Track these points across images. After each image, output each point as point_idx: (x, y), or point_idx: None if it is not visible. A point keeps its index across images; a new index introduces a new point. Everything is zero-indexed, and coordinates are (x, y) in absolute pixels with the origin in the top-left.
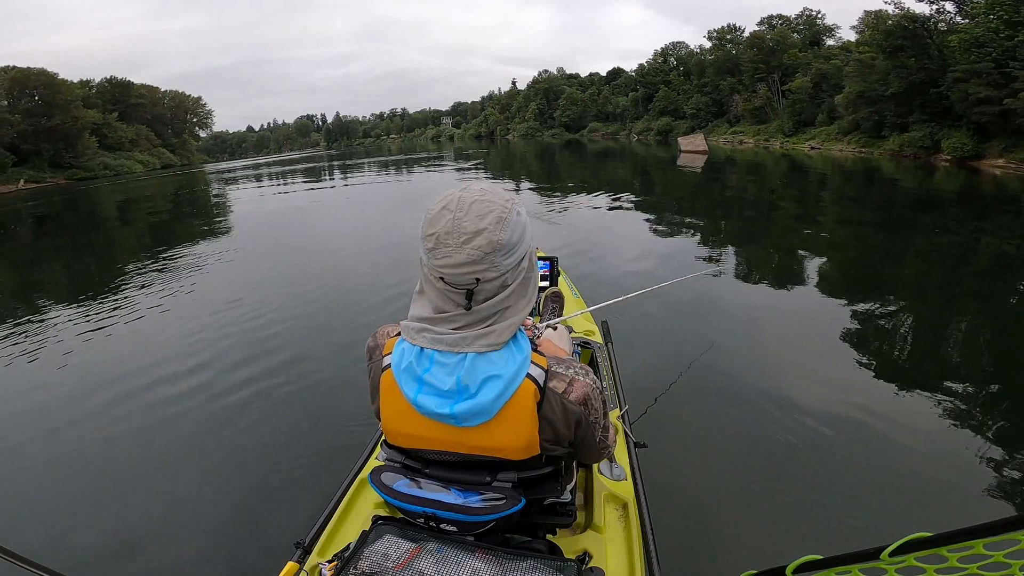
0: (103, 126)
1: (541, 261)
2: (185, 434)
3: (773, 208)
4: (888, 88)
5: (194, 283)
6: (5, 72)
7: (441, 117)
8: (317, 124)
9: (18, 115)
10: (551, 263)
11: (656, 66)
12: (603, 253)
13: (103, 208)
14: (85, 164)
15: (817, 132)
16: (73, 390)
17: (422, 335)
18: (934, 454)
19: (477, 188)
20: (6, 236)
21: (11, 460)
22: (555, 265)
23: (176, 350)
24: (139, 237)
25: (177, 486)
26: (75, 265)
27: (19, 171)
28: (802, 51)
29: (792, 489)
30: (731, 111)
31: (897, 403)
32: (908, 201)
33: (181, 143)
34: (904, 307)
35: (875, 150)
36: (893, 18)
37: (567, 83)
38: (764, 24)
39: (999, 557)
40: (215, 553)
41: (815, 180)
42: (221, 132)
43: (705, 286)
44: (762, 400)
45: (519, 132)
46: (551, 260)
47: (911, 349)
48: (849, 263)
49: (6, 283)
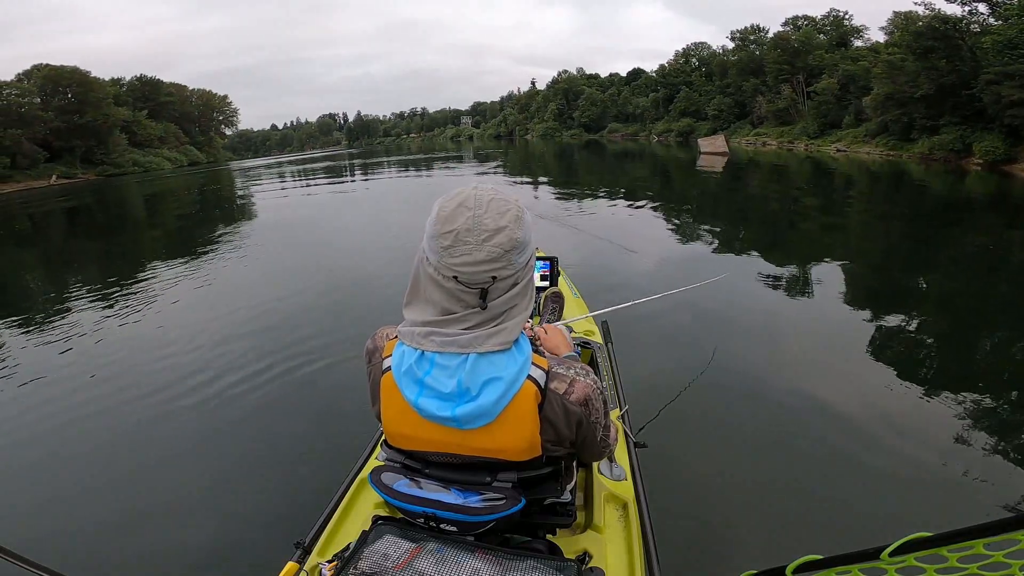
0: (133, 123)
1: (541, 261)
2: (185, 434)
3: (792, 211)
4: (918, 90)
5: (203, 280)
6: (39, 70)
7: (460, 117)
8: (339, 123)
9: (51, 112)
10: (551, 263)
11: (677, 66)
12: (611, 255)
13: (131, 203)
14: (115, 161)
15: (843, 134)
16: (72, 388)
17: (429, 339)
18: (934, 454)
19: (488, 187)
20: (37, 228)
21: (9, 458)
22: (555, 265)
23: (178, 348)
24: (160, 233)
25: (177, 486)
26: (92, 259)
27: (51, 167)
28: (829, 52)
29: (792, 489)
30: (754, 112)
31: (897, 404)
32: (936, 205)
33: (207, 141)
34: (912, 311)
35: (903, 153)
36: (924, 19)
37: (587, 83)
38: (789, 25)
39: (999, 557)
40: (215, 553)
41: (840, 183)
42: (246, 130)
43: (710, 290)
44: (763, 401)
45: (538, 132)
46: (551, 260)
47: (912, 350)
48: (863, 266)
49: (29, 272)
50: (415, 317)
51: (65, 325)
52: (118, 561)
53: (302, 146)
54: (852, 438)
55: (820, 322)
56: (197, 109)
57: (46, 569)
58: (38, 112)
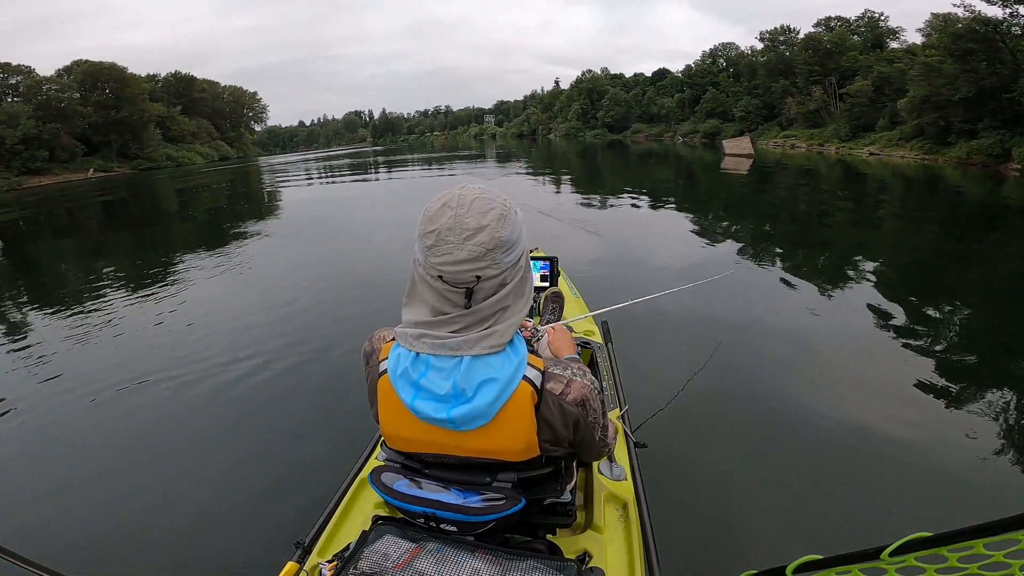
0: (167, 119)
1: (541, 261)
2: (185, 433)
3: (814, 212)
4: (956, 93)
5: (211, 276)
6: (78, 66)
7: (484, 115)
8: (364, 120)
9: (90, 107)
10: (551, 263)
11: (704, 67)
12: (614, 255)
13: (164, 196)
14: (149, 155)
15: (877, 137)
16: (72, 388)
17: (421, 340)
18: (934, 454)
19: (476, 187)
20: (77, 219)
21: (7, 457)
22: (555, 265)
23: (178, 348)
24: (190, 226)
25: (177, 485)
26: (122, 250)
27: (89, 160)
28: (863, 53)
29: (793, 489)
30: (783, 114)
31: (897, 404)
32: (973, 211)
33: (237, 136)
34: (920, 312)
35: (939, 157)
36: (963, 21)
37: (611, 83)
38: (821, 26)
39: (999, 557)
40: (215, 553)
41: (873, 186)
42: (274, 126)
43: (711, 288)
44: (764, 400)
45: (561, 132)
46: (551, 260)
47: (913, 351)
48: (883, 268)
49: (65, 261)
50: (411, 317)
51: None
52: (118, 561)
53: (328, 143)
54: (852, 438)
55: (821, 322)
56: (228, 105)
57: (46, 569)
58: (77, 107)
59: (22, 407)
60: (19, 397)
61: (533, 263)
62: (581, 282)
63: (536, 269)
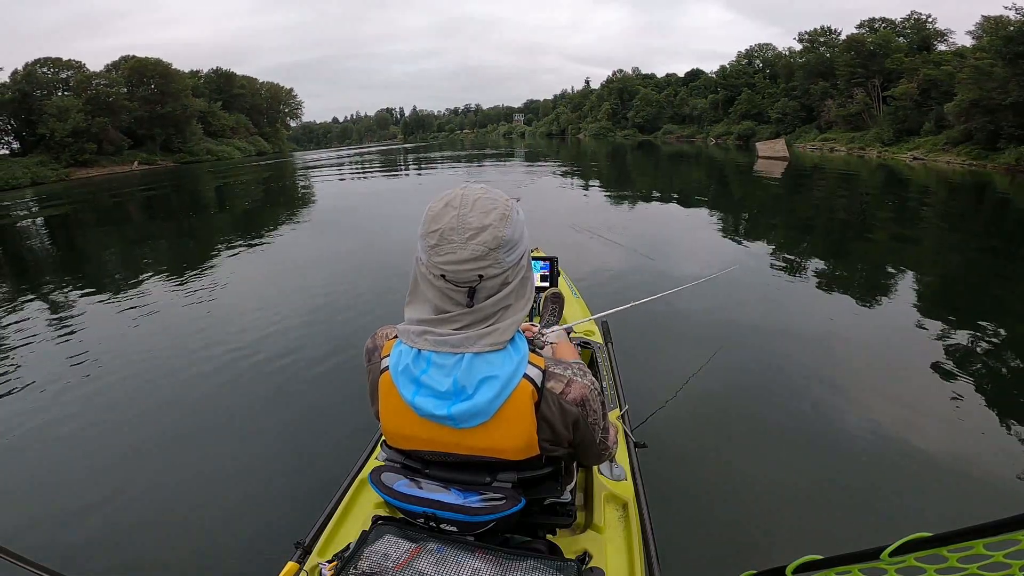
0: (208, 114)
1: (541, 261)
2: (184, 433)
3: (847, 218)
4: (1007, 97)
5: (212, 281)
6: (126, 61)
7: (513, 114)
8: (396, 117)
9: (136, 102)
10: (551, 263)
11: (739, 68)
12: (616, 254)
13: (205, 189)
14: (191, 149)
15: (922, 141)
16: (70, 388)
17: (423, 338)
18: (934, 455)
19: (479, 187)
20: (123, 210)
21: (7, 457)
22: (555, 265)
23: (181, 347)
24: (228, 218)
25: (177, 485)
26: (157, 240)
27: (134, 153)
28: (908, 56)
29: (793, 489)
30: (821, 117)
31: (896, 405)
32: (1021, 220)
33: (274, 132)
34: (932, 317)
35: (987, 163)
36: (1015, 24)
37: (642, 83)
38: (864, 27)
39: (999, 557)
40: (215, 553)
41: (915, 192)
42: (309, 123)
43: (715, 290)
44: (764, 400)
45: (590, 132)
46: (551, 260)
47: (913, 351)
48: (912, 274)
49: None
50: (413, 315)
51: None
52: (118, 561)
53: (360, 139)
54: (853, 438)
55: (822, 323)
56: (265, 101)
57: (46, 569)
58: (124, 102)
59: (20, 408)
60: (17, 398)
61: (533, 263)
62: (585, 281)
63: (536, 269)
